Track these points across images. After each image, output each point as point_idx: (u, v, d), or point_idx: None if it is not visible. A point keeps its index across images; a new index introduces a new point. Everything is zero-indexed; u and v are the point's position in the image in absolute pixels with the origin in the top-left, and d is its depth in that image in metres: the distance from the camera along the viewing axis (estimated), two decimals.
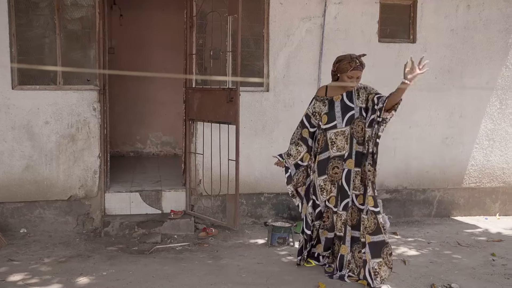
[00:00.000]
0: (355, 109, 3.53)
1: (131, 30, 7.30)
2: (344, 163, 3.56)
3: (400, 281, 3.59)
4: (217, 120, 4.55)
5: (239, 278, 3.62)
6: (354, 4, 5.10)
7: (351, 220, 3.59)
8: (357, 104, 3.54)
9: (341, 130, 3.54)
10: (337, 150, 3.56)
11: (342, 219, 3.59)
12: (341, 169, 3.58)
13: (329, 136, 3.56)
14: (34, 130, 4.69)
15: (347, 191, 3.56)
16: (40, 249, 4.24)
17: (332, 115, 3.55)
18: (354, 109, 3.53)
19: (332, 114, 3.55)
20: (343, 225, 3.60)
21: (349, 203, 3.58)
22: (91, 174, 4.81)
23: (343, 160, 3.57)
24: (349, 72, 3.48)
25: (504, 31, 5.42)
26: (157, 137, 7.71)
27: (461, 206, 5.58)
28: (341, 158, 3.57)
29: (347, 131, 3.54)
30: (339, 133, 3.54)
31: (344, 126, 3.53)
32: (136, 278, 3.60)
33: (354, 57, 3.50)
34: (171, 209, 4.93)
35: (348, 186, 3.56)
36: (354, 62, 3.48)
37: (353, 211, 3.58)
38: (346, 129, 3.53)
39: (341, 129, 3.53)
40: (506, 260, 4.09)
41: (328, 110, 3.57)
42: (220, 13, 4.54)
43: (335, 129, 3.54)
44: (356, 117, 3.53)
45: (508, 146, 5.59)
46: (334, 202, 3.63)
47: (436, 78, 5.33)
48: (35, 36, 4.71)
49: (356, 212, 3.57)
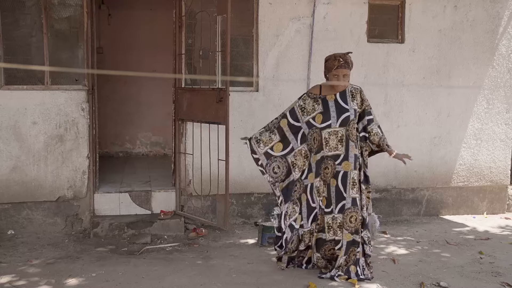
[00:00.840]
0: (350, 111, 3.54)
1: (119, 30, 7.25)
2: (340, 165, 3.55)
3: (390, 280, 3.61)
4: (207, 120, 4.54)
5: (229, 278, 3.62)
6: (343, 4, 5.13)
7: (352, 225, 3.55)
8: (352, 106, 3.55)
9: (334, 130, 3.53)
10: (329, 149, 3.55)
11: (338, 222, 3.57)
12: (332, 170, 3.56)
13: (324, 135, 3.54)
14: (22, 130, 4.64)
15: (343, 193, 3.54)
16: (28, 251, 4.20)
17: (327, 114, 3.54)
18: (349, 111, 3.54)
19: (327, 113, 3.54)
20: (340, 229, 3.57)
21: (345, 206, 3.55)
22: (80, 174, 4.77)
23: (335, 161, 3.55)
24: (333, 70, 3.51)
25: (490, 31, 5.48)
26: (147, 137, 7.67)
27: (449, 205, 5.63)
28: (333, 159, 3.56)
29: (341, 132, 3.53)
30: (332, 132, 3.54)
31: (338, 126, 3.53)
32: (125, 279, 3.57)
33: (338, 56, 3.53)
34: (161, 209, 4.91)
35: (345, 189, 3.54)
36: (337, 60, 3.50)
37: (357, 216, 3.55)
38: (340, 129, 3.53)
39: (334, 129, 3.53)
40: (493, 258, 4.13)
41: (323, 109, 3.56)
42: (209, 13, 4.54)
43: (329, 129, 3.54)
44: (351, 119, 3.54)
45: (495, 145, 5.65)
46: (325, 203, 3.61)
47: (424, 78, 5.38)
48: (22, 36, 4.66)
49: (359, 217, 3.56)
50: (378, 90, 5.28)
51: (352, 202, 3.55)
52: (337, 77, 3.51)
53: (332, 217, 3.58)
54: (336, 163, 3.55)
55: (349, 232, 3.55)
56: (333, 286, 3.48)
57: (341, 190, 3.55)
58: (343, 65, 3.49)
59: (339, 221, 3.57)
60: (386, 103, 5.32)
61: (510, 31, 5.52)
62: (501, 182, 5.72)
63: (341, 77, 3.50)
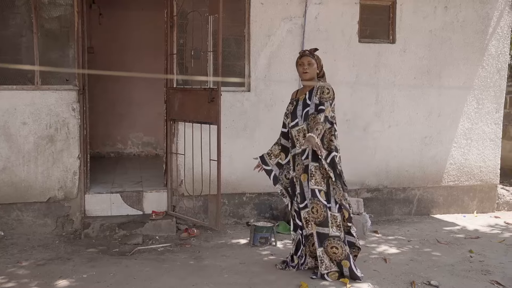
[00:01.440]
0: (311, 105, 3.61)
1: (110, 30, 7.22)
2: (307, 158, 3.58)
3: (381, 279, 3.63)
4: (199, 120, 4.53)
5: (221, 278, 3.61)
6: (335, 4, 5.14)
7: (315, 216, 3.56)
8: (314, 101, 3.61)
9: (302, 127, 3.61)
10: (299, 146, 3.62)
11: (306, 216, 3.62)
12: (301, 166, 3.62)
13: (294, 134, 3.65)
14: (11, 131, 4.60)
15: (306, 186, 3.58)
16: (17, 252, 4.16)
17: (294, 114, 3.66)
18: (310, 106, 3.61)
19: (294, 113, 3.67)
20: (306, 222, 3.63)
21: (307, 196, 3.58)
22: (71, 175, 4.74)
23: (302, 156, 3.62)
24: (299, 60, 3.68)
25: (480, 32, 5.53)
26: (138, 137, 7.65)
27: (440, 204, 5.67)
28: (301, 154, 3.63)
29: (304, 127, 3.60)
30: (300, 130, 3.62)
31: (303, 122, 3.60)
32: (117, 280, 3.56)
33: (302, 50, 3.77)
34: (152, 210, 4.89)
35: (308, 181, 3.57)
36: (301, 51, 3.73)
37: (318, 207, 3.55)
38: (304, 125, 3.60)
39: (301, 127, 3.61)
40: (483, 256, 4.17)
41: (292, 110, 3.70)
42: (201, 13, 4.53)
43: (297, 127, 3.63)
44: (310, 113, 3.58)
45: (485, 145, 5.70)
46: (299, 199, 3.65)
47: (415, 78, 5.41)
48: (11, 35, 4.62)
49: (322, 208, 3.54)
50: (370, 90, 5.30)
51: (311, 193, 3.56)
52: (302, 65, 3.64)
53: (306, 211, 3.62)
54: (303, 158, 3.62)
55: (314, 223, 3.57)
56: (325, 286, 3.49)
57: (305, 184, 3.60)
58: (306, 54, 3.66)
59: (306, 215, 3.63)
60: (378, 103, 5.35)
61: (499, 32, 5.57)
62: (491, 181, 5.77)
63: (305, 64, 3.62)
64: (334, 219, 3.57)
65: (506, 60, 5.64)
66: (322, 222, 3.56)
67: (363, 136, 5.35)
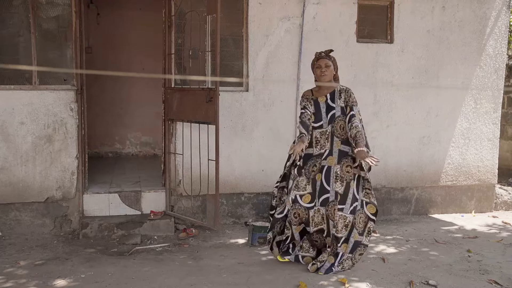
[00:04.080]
0: (336, 108, 3.68)
1: (108, 29, 7.21)
2: (325, 160, 3.68)
3: (380, 278, 3.64)
4: (197, 120, 4.53)
5: (219, 278, 3.61)
6: (333, 4, 5.15)
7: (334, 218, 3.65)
8: (339, 104, 3.69)
9: (324, 130, 3.69)
10: (320, 148, 3.70)
11: (321, 213, 3.70)
12: (319, 166, 3.70)
13: (315, 135, 3.70)
14: (9, 130, 4.59)
15: (326, 187, 3.67)
16: (15, 252, 4.15)
17: (319, 115, 3.69)
18: (335, 109, 3.68)
19: (319, 114, 3.69)
20: (323, 220, 3.70)
21: (329, 199, 3.67)
22: (69, 175, 4.73)
23: (321, 157, 3.70)
24: (316, 62, 3.72)
25: (478, 32, 5.54)
26: (136, 137, 7.64)
27: (438, 204, 5.68)
28: (320, 156, 3.70)
29: (328, 130, 3.68)
30: (323, 132, 3.69)
31: (327, 125, 3.69)
32: (115, 280, 3.55)
33: (318, 52, 3.78)
34: (150, 210, 4.88)
35: (328, 183, 3.66)
36: (317, 53, 3.75)
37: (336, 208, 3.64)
38: (328, 128, 3.68)
39: (325, 129, 3.69)
40: (481, 256, 4.18)
41: (315, 110, 3.71)
42: (199, 13, 4.53)
43: (321, 129, 3.69)
44: (337, 115, 3.67)
45: (483, 144, 5.71)
46: (309, 200, 3.71)
47: (413, 78, 5.42)
48: (9, 35, 4.61)
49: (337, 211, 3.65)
50: (368, 90, 5.30)
51: (335, 195, 3.65)
52: (320, 67, 3.68)
53: (315, 210, 3.70)
54: (322, 158, 3.69)
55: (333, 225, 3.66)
56: (323, 285, 3.50)
57: (324, 184, 3.67)
58: (322, 55, 3.70)
59: (322, 212, 3.70)
60: (376, 103, 5.36)
61: (497, 32, 5.58)
62: (489, 181, 5.78)
63: (323, 67, 3.66)
64: (344, 219, 3.67)
65: (503, 60, 5.65)
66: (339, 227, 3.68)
67: None
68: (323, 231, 3.74)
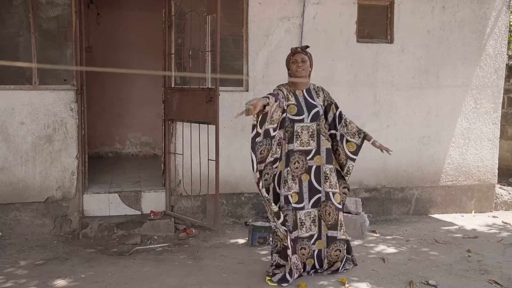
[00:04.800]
0: (318, 106, 3.58)
1: (108, 29, 7.21)
2: (312, 159, 3.55)
3: (379, 278, 3.64)
4: (197, 120, 4.53)
5: (219, 278, 3.61)
6: (333, 4, 5.15)
7: (328, 219, 3.58)
8: (318, 102, 3.61)
9: (306, 125, 3.53)
10: (300, 144, 3.52)
11: (312, 216, 3.57)
12: (304, 165, 3.53)
13: (296, 128, 3.51)
14: (9, 130, 4.59)
15: (317, 187, 3.57)
16: (16, 252, 4.15)
17: (300, 108, 3.52)
18: (317, 106, 3.58)
19: (300, 106, 3.52)
20: (314, 223, 3.57)
21: (321, 199, 3.57)
22: (69, 175, 4.73)
23: (307, 156, 3.54)
24: (292, 57, 3.56)
25: (478, 32, 5.54)
26: (136, 137, 7.64)
27: (438, 204, 5.68)
28: (304, 154, 3.53)
29: (312, 127, 3.54)
30: (305, 127, 3.53)
31: (310, 121, 3.53)
32: (115, 280, 3.55)
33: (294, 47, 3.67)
34: (150, 210, 4.88)
35: (319, 183, 3.57)
36: (293, 48, 3.61)
37: (331, 210, 3.57)
38: (311, 125, 3.54)
39: (306, 124, 3.53)
40: (481, 256, 4.18)
41: (296, 102, 3.53)
42: (199, 13, 4.52)
43: (302, 123, 3.52)
44: (321, 114, 3.58)
45: (483, 144, 5.71)
46: (296, 199, 3.53)
47: (413, 78, 5.42)
48: (9, 35, 4.61)
49: (335, 211, 3.57)
50: (368, 90, 5.31)
51: (326, 196, 3.57)
52: (296, 62, 3.53)
53: (305, 212, 3.55)
54: (308, 158, 3.55)
55: (326, 226, 3.59)
56: (323, 285, 3.50)
57: (315, 185, 3.56)
58: (299, 51, 3.57)
59: (313, 215, 3.58)
60: (376, 103, 5.36)
61: (497, 32, 5.58)
62: (489, 181, 5.78)
63: (299, 61, 3.52)
64: (341, 221, 3.62)
65: (503, 60, 5.65)
66: (333, 225, 3.58)
67: None
68: (313, 236, 3.59)
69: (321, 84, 3.75)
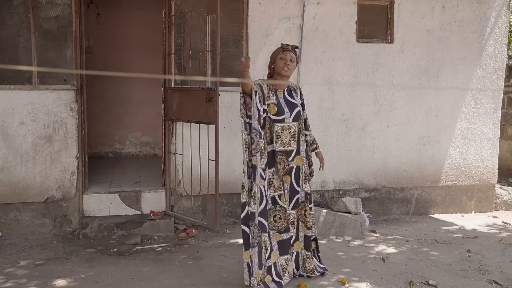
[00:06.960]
0: (299, 106, 3.50)
1: (108, 29, 7.21)
2: (292, 160, 3.47)
3: (380, 278, 3.64)
4: (197, 120, 4.53)
5: (219, 278, 3.61)
6: (333, 4, 5.15)
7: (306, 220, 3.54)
8: (298, 101, 3.52)
9: (287, 125, 3.43)
10: (281, 144, 3.43)
11: (291, 218, 3.52)
12: (286, 166, 3.46)
13: (276, 129, 3.40)
14: (9, 131, 4.59)
15: (295, 187, 3.51)
16: (15, 252, 4.15)
17: (280, 107, 3.39)
18: (298, 106, 3.49)
19: (280, 106, 3.40)
20: (292, 224, 3.53)
21: (299, 200, 3.53)
22: (69, 175, 4.73)
23: (288, 157, 3.46)
24: (280, 53, 3.41)
25: (478, 32, 5.54)
26: (136, 137, 7.64)
27: (438, 204, 5.68)
28: (286, 155, 3.45)
29: (293, 127, 3.46)
30: (286, 127, 3.43)
31: (292, 121, 3.43)
32: (115, 280, 3.55)
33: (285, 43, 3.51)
34: (150, 210, 4.89)
35: (297, 183, 3.51)
36: (284, 45, 3.46)
37: (307, 208, 3.53)
38: (293, 124, 3.45)
39: (287, 124, 3.43)
40: (481, 256, 4.18)
41: (276, 101, 3.40)
42: (199, 13, 4.53)
43: (283, 123, 3.41)
44: (301, 113, 3.52)
45: (483, 144, 5.71)
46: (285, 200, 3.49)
47: (413, 78, 5.42)
48: (8, 35, 4.61)
49: (311, 211, 3.55)
50: (368, 90, 5.31)
51: (305, 196, 3.53)
52: (285, 59, 3.39)
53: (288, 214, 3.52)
54: (289, 159, 3.46)
55: (305, 225, 3.55)
56: (323, 285, 3.50)
57: (294, 185, 3.50)
58: (289, 49, 3.42)
59: (292, 216, 3.53)
60: (376, 103, 5.36)
61: (497, 32, 5.58)
62: (489, 181, 5.78)
63: (288, 60, 3.38)
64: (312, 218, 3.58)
65: (503, 60, 5.65)
66: (312, 226, 3.57)
67: (361, 135, 5.36)
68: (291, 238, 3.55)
69: (321, 84, 3.75)
